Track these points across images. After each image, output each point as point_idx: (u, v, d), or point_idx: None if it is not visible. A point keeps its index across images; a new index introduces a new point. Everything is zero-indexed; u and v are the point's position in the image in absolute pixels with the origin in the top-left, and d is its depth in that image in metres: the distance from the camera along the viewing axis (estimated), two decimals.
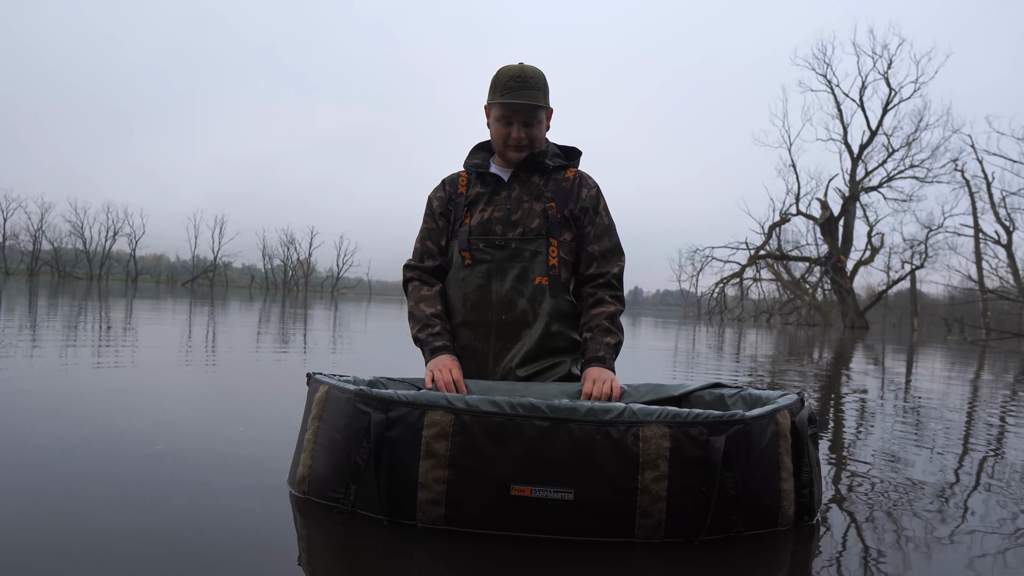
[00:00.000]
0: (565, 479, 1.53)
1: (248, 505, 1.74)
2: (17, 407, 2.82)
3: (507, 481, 1.53)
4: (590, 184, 2.30)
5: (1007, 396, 5.57)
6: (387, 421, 1.59)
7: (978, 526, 1.89)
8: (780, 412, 1.67)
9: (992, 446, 3.20)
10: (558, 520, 1.53)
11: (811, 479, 1.72)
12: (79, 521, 1.57)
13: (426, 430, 1.56)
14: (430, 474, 1.56)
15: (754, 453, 1.60)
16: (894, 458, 2.73)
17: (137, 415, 2.78)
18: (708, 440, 1.55)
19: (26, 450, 2.15)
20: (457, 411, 1.57)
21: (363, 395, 1.64)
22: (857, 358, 10.23)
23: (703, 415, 1.57)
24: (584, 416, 1.54)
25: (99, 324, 7.65)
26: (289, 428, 2.73)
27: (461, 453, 1.55)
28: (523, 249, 2.19)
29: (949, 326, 28.27)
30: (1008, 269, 31.16)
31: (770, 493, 1.64)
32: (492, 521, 1.55)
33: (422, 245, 2.32)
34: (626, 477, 1.53)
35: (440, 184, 2.34)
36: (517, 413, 1.55)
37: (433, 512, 1.56)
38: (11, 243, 61.19)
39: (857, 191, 32.72)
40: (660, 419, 1.55)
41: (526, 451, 1.53)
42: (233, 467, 2.08)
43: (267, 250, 69.52)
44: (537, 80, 2.20)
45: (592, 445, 1.53)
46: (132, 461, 2.06)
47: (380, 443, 1.58)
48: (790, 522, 1.68)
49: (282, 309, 16.99)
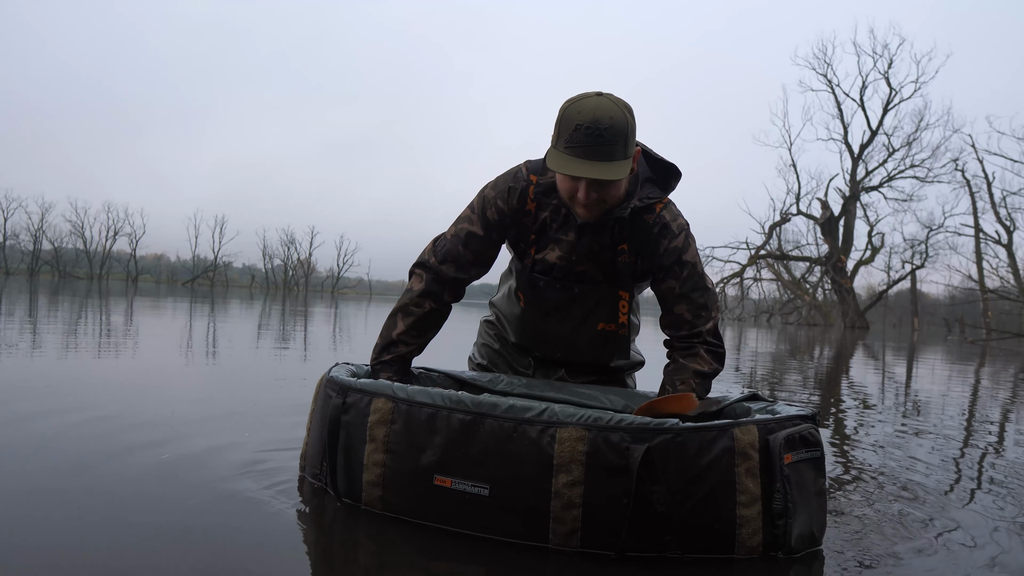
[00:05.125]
0: (482, 474, 1.52)
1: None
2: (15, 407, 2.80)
3: (431, 471, 1.57)
4: (672, 232, 1.91)
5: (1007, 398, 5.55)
6: (344, 406, 1.71)
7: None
8: (741, 427, 1.49)
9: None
10: (475, 515, 1.53)
11: (787, 509, 1.48)
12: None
13: (371, 416, 1.66)
14: (371, 457, 1.65)
15: (690, 468, 1.45)
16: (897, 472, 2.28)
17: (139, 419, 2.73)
18: (628, 448, 1.44)
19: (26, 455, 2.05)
20: (397, 400, 1.64)
21: (332, 382, 1.78)
22: (857, 358, 10.20)
23: (626, 420, 1.47)
24: (504, 412, 1.53)
25: (99, 325, 7.65)
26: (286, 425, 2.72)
27: (396, 439, 1.62)
28: (588, 295, 2.00)
29: (949, 326, 28.26)
30: (1008, 269, 31.25)
31: (721, 516, 1.46)
32: (418, 509, 1.59)
33: (454, 246, 2.01)
34: (540, 479, 1.48)
35: (505, 191, 1.97)
36: (444, 405, 1.58)
37: (373, 494, 1.65)
38: (11, 243, 61.18)
39: (857, 191, 32.72)
40: (579, 422, 1.48)
41: (449, 442, 1.56)
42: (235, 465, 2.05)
43: (267, 250, 69.17)
44: (615, 131, 1.70)
45: (509, 442, 1.51)
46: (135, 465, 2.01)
47: (336, 425, 1.71)
48: (754, 553, 1.47)
49: (282, 308, 16.99)
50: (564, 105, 1.76)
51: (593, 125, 1.69)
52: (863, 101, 32.36)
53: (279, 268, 69.46)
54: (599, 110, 1.70)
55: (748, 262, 34.28)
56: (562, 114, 1.75)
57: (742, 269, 34.36)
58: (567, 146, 1.72)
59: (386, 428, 1.63)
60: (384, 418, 1.64)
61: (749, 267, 34.60)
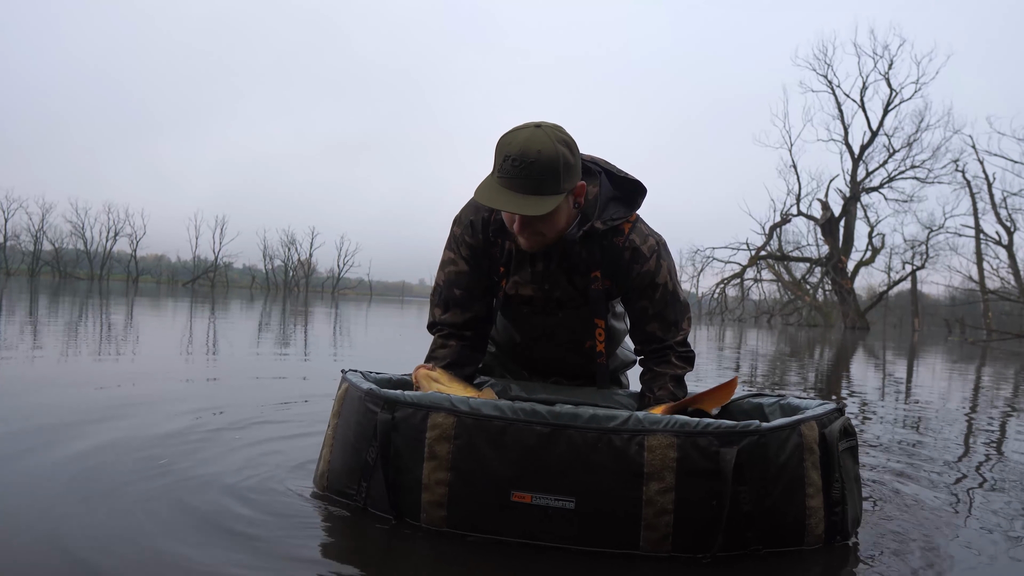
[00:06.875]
0: (565, 487, 1.48)
1: (260, 504, 1.75)
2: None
3: (507, 486, 1.50)
4: (644, 255, 1.90)
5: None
6: (393, 421, 1.59)
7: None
8: (806, 423, 1.56)
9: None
10: (560, 528, 1.49)
11: (843, 497, 1.58)
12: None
13: (429, 432, 1.55)
14: (432, 476, 1.54)
15: (771, 467, 1.50)
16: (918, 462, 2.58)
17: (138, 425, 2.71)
18: (718, 452, 1.46)
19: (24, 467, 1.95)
20: (459, 414, 1.54)
21: (372, 394, 1.64)
22: (858, 358, 10.20)
23: (713, 424, 1.49)
24: (586, 423, 1.49)
25: (100, 327, 7.65)
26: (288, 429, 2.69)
27: (462, 456, 1.53)
28: (571, 318, 2.01)
29: (950, 327, 28.29)
30: (1009, 270, 31.19)
31: (792, 510, 1.53)
32: (493, 526, 1.52)
33: (449, 292, 1.98)
34: (629, 488, 1.46)
35: (468, 226, 1.94)
36: (518, 418, 1.51)
37: (435, 514, 1.55)
38: (12, 243, 61.30)
39: (858, 192, 32.70)
40: (667, 428, 1.48)
41: (526, 456, 1.50)
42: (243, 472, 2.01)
43: (268, 250, 69.55)
44: (543, 165, 1.64)
45: (593, 452, 1.48)
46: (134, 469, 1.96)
47: (386, 443, 1.58)
48: (819, 541, 1.56)
49: (283, 309, 16.98)
50: (502, 134, 1.72)
51: (520, 157, 1.64)
52: (863, 102, 32.31)
53: (279, 269, 69.65)
54: (530, 142, 1.64)
55: (748, 263, 34.27)
56: (498, 142, 1.71)
57: (742, 270, 34.37)
58: (499, 176, 1.68)
59: (449, 444, 1.54)
60: (446, 433, 1.54)
61: (749, 268, 34.59)
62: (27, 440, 2.21)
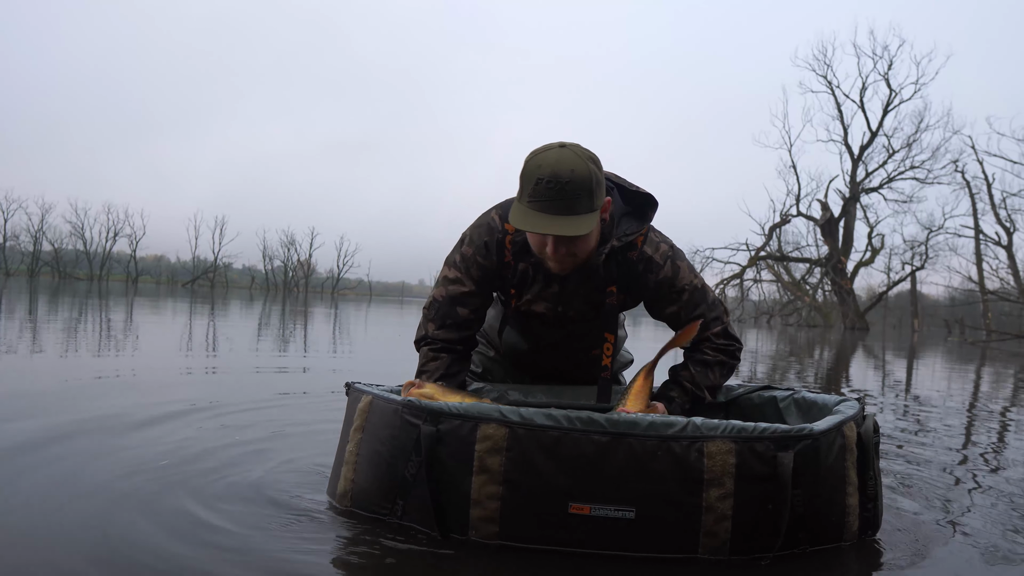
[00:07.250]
0: (625, 497, 1.46)
1: (289, 521, 1.67)
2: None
3: (565, 498, 1.46)
4: (657, 263, 1.89)
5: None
6: (437, 434, 1.52)
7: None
8: (847, 424, 1.59)
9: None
10: (619, 538, 1.47)
11: (876, 492, 1.64)
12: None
13: (479, 444, 1.49)
14: (483, 490, 1.49)
15: (821, 469, 1.52)
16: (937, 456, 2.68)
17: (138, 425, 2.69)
18: (775, 456, 1.47)
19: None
20: (511, 424, 1.49)
21: (412, 406, 1.57)
22: (858, 359, 10.22)
23: (769, 429, 1.49)
24: (645, 431, 1.47)
25: (100, 328, 7.64)
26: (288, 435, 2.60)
27: (515, 469, 1.47)
28: (581, 330, 2.02)
29: (950, 327, 28.40)
30: (1008, 270, 31.23)
31: (836, 509, 1.56)
32: (549, 539, 1.48)
33: (450, 309, 1.94)
34: (690, 494, 1.45)
35: (483, 247, 1.90)
36: (574, 427, 1.47)
37: (487, 530, 1.50)
38: (11, 244, 61.28)
39: (857, 192, 32.71)
40: (725, 434, 1.47)
41: (584, 467, 1.46)
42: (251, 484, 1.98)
43: (267, 251, 69.41)
44: (576, 185, 1.64)
45: (652, 460, 1.46)
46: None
47: (432, 457, 1.52)
48: (854, 537, 1.60)
49: (282, 309, 16.98)
50: (527, 157, 1.71)
51: (554, 179, 1.64)
52: (863, 102, 32.23)
53: (279, 269, 69.52)
54: (560, 163, 1.64)
55: (748, 263, 34.20)
56: (524, 167, 1.70)
57: (742, 270, 34.29)
58: (530, 200, 1.67)
59: (501, 456, 1.48)
60: (498, 445, 1.48)
61: (749, 268, 34.48)
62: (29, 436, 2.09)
